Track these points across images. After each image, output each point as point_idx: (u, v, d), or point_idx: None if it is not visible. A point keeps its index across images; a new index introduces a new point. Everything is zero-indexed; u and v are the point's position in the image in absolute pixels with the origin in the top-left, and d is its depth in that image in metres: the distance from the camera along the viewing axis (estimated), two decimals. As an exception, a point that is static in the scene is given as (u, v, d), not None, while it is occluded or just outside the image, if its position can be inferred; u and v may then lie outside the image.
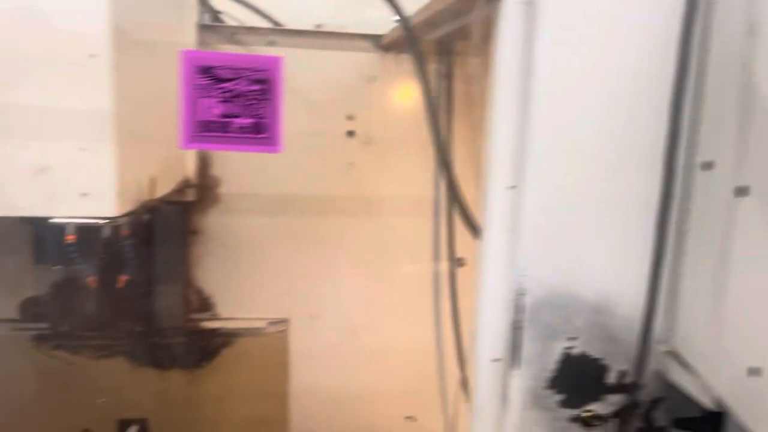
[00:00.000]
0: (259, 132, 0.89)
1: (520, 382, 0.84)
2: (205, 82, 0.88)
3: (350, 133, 1.89)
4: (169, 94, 1.62)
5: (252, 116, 0.87)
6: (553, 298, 0.83)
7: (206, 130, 0.90)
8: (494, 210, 0.83)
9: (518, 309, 0.83)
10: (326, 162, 1.89)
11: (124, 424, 1.88)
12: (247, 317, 1.94)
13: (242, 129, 0.88)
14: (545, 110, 0.78)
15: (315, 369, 1.99)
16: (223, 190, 1.86)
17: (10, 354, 1.81)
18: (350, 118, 1.88)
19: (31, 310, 1.81)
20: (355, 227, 1.94)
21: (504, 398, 0.85)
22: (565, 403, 0.85)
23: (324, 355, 1.99)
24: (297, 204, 1.92)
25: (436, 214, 1.98)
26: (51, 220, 1.28)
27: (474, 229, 0.97)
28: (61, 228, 1.28)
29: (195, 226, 1.86)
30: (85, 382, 1.85)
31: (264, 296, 1.94)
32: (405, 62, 1.89)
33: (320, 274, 1.95)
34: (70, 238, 1.30)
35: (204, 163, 1.80)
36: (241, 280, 1.92)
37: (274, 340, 1.95)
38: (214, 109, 0.88)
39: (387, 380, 2.01)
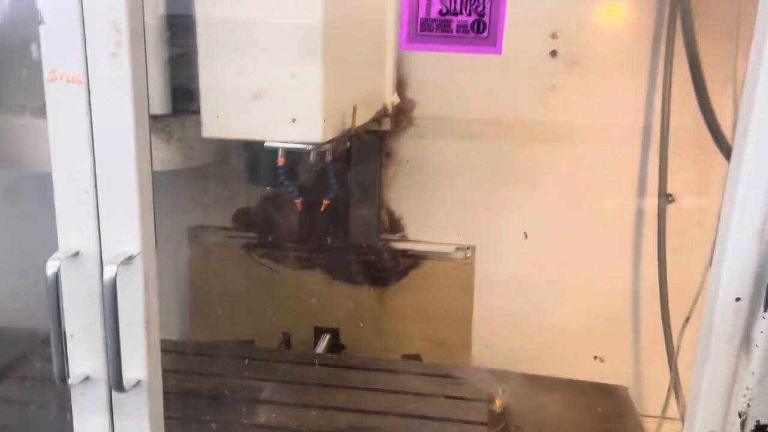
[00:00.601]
0: (480, 31, 0.84)
1: (773, 328, 0.72)
2: (427, -28, 0.84)
3: (553, 53, 1.75)
4: (366, 23, 1.62)
5: (473, 13, 0.82)
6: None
7: (426, 29, 0.87)
8: (757, 122, 0.70)
9: (779, 244, 0.71)
10: (525, 84, 1.78)
11: (319, 331, 2.03)
12: (435, 241, 1.95)
13: (462, 27, 0.83)
14: None
15: (499, 299, 1.96)
16: (417, 113, 1.85)
17: (225, 258, 2.02)
18: (554, 36, 1.74)
19: (242, 219, 1.99)
20: (553, 155, 1.83)
21: (745, 343, 0.75)
22: (828, 358, 0.73)
23: (510, 285, 1.95)
24: (491, 129, 1.85)
25: (645, 145, 1.80)
26: (266, 144, 1.36)
27: (724, 148, 0.84)
28: (273, 152, 1.36)
29: (388, 149, 1.89)
30: (287, 289, 2.01)
31: (452, 221, 1.93)
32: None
33: (511, 202, 1.89)
34: (281, 161, 1.38)
35: (401, 85, 1.79)
36: (431, 204, 1.93)
37: (460, 265, 1.95)
38: (434, 5, 0.83)
39: (574, 317, 1.93)
